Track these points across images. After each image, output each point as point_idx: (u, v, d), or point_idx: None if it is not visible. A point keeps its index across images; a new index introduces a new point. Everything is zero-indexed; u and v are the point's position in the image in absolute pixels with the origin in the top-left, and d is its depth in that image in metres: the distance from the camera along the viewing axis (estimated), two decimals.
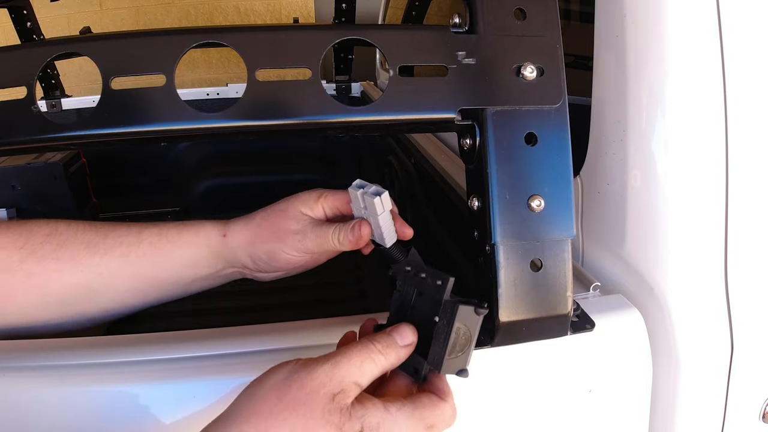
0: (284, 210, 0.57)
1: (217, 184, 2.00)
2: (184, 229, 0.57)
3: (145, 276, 0.54)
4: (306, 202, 0.57)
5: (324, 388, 0.38)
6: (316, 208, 0.57)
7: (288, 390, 0.38)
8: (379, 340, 0.42)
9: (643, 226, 0.59)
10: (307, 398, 0.38)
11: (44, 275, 0.50)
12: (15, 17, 1.66)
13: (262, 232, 0.56)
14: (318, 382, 0.38)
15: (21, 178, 1.55)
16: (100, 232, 0.53)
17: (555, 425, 0.55)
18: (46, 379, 0.49)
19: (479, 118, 0.47)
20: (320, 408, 0.37)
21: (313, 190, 0.58)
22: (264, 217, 0.58)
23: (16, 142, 0.44)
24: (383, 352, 0.41)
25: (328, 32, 0.46)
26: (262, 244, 0.56)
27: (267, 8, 2.84)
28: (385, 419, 0.39)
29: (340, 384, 0.39)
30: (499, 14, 0.47)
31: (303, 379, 0.39)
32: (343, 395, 0.38)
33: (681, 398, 0.58)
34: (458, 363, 0.44)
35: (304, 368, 0.40)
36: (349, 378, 0.39)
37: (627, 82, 0.58)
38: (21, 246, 0.50)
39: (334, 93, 1.93)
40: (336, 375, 0.39)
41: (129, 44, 0.44)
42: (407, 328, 0.43)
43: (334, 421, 0.37)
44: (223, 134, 0.45)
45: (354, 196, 0.54)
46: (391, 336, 0.42)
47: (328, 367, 0.39)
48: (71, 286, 0.52)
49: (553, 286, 0.49)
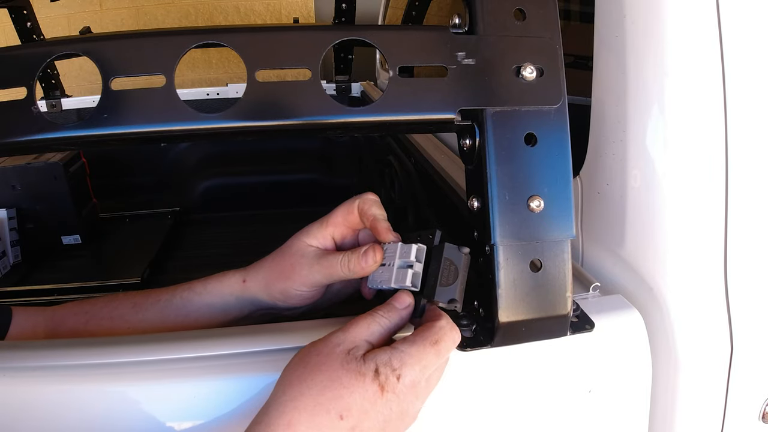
0: (289, 246, 0.58)
1: (217, 184, 2.00)
2: (209, 280, 0.60)
3: (181, 327, 0.59)
4: (310, 233, 0.57)
5: (338, 347, 0.44)
6: (322, 236, 0.57)
7: (309, 358, 0.44)
8: (382, 307, 0.48)
9: (643, 226, 0.59)
10: (326, 359, 0.44)
11: (101, 333, 0.60)
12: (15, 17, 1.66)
13: (273, 273, 0.58)
14: (332, 344, 0.45)
15: (21, 178, 1.55)
16: (144, 294, 0.61)
17: (555, 425, 0.55)
18: (46, 379, 0.49)
19: (479, 119, 0.47)
20: (339, 361, 0.43)
21: (318, 221, 0.58)
22: (274, 258, 0.59)
23: (16, 142, 0.44)
24: (386, 315, 0.47)
25: (327, 33, 0.46)
26: (274, 284, 0.58)
27: (267, 8, 2.84)
28: (395, 353, 0.44)
29: (353, 341, 0.45)
30: (498, 15, 0.47)
31: (319, 346, 0.45)
32: (356, 349, 0.44)
33: (680, 398, 0.58)
34: (448, 293, 0.49)
35: (320, 341, 0.46)
36: (359, 337, 0.45)
37: (627, 82, 0.58)
38: (86, 311, 0.61)
39: (334, 93, 1.93)
40: (348, 336, 0.45)
41: (129, 45, 0.44)
42: (404, 293, 0.49)
43: (351, 368, 0.43)
44: (223, 135, 0.45)
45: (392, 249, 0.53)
46: (390, 303, 0.49)
47: (339, 333, 0.46)
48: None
49: (552, 286, 0.49)
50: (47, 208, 1.59)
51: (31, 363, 0.50)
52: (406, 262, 0.51)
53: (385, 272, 0.52)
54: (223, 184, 2.00)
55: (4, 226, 1.51)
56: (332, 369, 0.43)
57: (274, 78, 0.45)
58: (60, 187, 1.57)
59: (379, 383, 0.43)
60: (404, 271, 0.51)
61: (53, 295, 1.37)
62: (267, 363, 0.50)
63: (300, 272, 0.56)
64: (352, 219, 0.57)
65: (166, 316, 0.59)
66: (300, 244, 0.57)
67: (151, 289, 0.62)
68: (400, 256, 0.52)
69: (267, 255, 0.60)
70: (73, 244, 1.65)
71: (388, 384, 0.43)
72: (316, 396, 0.42)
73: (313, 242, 0.57)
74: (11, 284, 1.46)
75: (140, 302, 0.60)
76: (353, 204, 0.57)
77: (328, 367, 0.43)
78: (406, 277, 0.50)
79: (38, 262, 1.59)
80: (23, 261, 1.58)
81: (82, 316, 0.61)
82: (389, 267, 0.52)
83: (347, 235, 0.58)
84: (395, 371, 0.43)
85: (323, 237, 0.57)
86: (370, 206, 0.56)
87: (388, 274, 0.52)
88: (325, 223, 0.57)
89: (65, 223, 1.62)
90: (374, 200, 0.57)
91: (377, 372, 0.43)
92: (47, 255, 1.61)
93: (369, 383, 0.42)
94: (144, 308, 0.60)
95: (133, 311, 0.60)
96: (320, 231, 0.57)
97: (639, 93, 0.57)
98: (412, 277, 0.50)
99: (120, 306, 0.61)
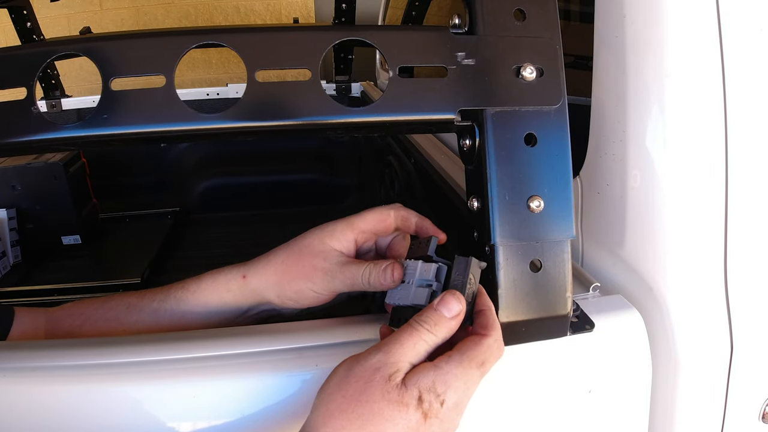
0: (310, 245, 0.55)
1: (217, 184, 2.00)
2: (203, 278, 0.58)
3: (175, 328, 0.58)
4: (334, 235, 0.55)
5: (378, 373, 0.41)
6: (347, 240, 0.55)
7: (348, 386, 0.42)
8: (426, 319, 0.44)
9: (643, 226, 0.59)
10: (366, 387, 0.41)
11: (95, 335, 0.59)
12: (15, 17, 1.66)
13: (289, 269, 0.55)
14: (372, 370, 0.41)
15: (21, 178, 1.55)
16: (139, 295, 0.60)
17: (555, 425, 0.55)
18: (46, 379, 0.49)
19: (479, 119, 0.47)
20: (379, 390, 0.41)
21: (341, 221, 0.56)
22: (289, 254, 0.56)
23: (16, 142, 0.44)
24: (432, 331, 0.43)
25: (327, 33, 0.46)
26: (289, 283, 0.55)
27: (267, 8, 2.84)
28: (438, 375, 0.41)
29: (395, 365, 0.42)
30: (498, 15, 0.47)
31: (358, 372, 0.42)
32: (398, 374, 0.41)
33: (680, 398, 0.58)
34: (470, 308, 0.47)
35: (357, 363, 0.43)
36: (403, 360, 0.42)
37: (627, 83, 0.58)
38: (81, 312, 0.60)
39: (334, 93, 1.93)
40: (389, 360, 0.42)
41: (129, 45, 0.44)
42: (452, 297, 0.45)
43: (393, 397, 0.40)
44: (223, 135, 0.45)
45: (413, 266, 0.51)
46: (438, 312, 0.44)
47: (380, 356, 0.42)
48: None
49: (552, 286, 0.49)
50: (47, 208, 1.59)
51: (31, 363, 0.50)
52: (426, 281, 0.50)
53: (404, 289, 0.51)
54: (223, 184, 2.00)
55: (4, 226, 1.52)
56: (373, 400, 0.40)
57: (274, 78, 0.45)
58: (60, 187, 1.58)
59: (423, 411, 0.41)
60: (423, 290, 0.49)
61: (53, 295, 1.37)
62: (267, 363, 0.50)
63: (324, 277, 0.54)
64: (383, 227, 0.56)
65: (160, 317, 0.58)
66: (323, 245, 0.55)
67: (147, 290, 0.61)
68: (420, 275, 0.50)
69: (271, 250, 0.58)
70: (73, 244, 1.65)
71: (431, 411, 0.41)
72: (358, 431, 0.40)
73: (337, 246, 0.55)
74: (11, 284, 1.46)
75: (135, 303, 0.59)
76: (387, 212, 0.55)
77: (368, 397, 0.40)
78: (424, 297, 0.49)
79: (38, 262, 1.59)
80: (23, 261, 1.58)
81: (78, 317, 0.60)
82: (408, 285, 0.51)
83: (369, 243, 0.57)
84: (439, 397, 0.41)
85: (348, 241, 0.55)
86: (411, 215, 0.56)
87: (406, 291, 0.51)
88: (352, 226, 0.55)
89: (65, 223, 1.62)
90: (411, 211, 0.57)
91: (420, 400, 0.41)
92: (47, 255, 1.62)
93: (412, 413, 0.40)
94: (138, 309, 0.59)
95: (128, 312, 0.59)
96: (345, 235, 0.55)
97: (639, 93, 0.57)
98: (429, 296, 0.49)
99: (115, 307, 0.60)
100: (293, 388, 0.49)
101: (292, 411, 0.49)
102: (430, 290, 0.49)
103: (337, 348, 0.52)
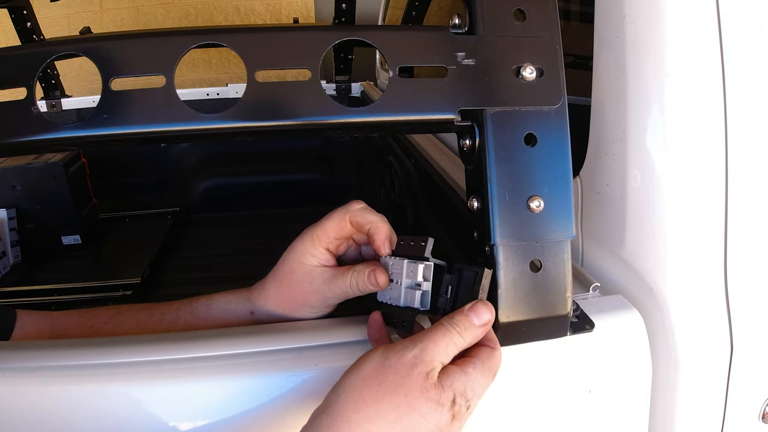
0: (292, 272, 0.56)
1: (217, 184, 2.00)
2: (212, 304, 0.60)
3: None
4: (306, 251, 0.55)
5: (416, 369, 0.43)
6: (319, 252, 0.55)
7: (385, 376, 0.43)
8: (458, 323, 0.45)
9: (643, 226, 0.59)
10: (404, 380, 0.42)
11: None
12: (15, 17, 1.66)
13: (284, 302, 0.57)
14: (410, 365, 0.43)
15: (21, 178, 1.56)
16: (148, 312, 0.61)
17: (555, 425, 0.55)
18: (46, 379, 0.49)
19: (479, 119, 0.47)
20: (418, 386, 0.42)
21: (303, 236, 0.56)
22: (277, 286, 0.57)
23: (16, 142, 0.44)
24: (462, 335, 0.45)
25: (327, 33, 0.46)
26: (291, 312, 0.57)
27: (267, 8, 2.84)
28: (468, 381, 0.44)
29: (430, 363, 0.43)
30: (498, 15, 0.47)
31: (396, 364, 0.43)
32: (433, 372, 0.43)
33: (680, 398, 0.58)
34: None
35: (394, 354, 0.44)
36: (437, 359, 0.44)
37: (627, 83, 0.58)
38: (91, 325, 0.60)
39: (334, 93, 1.92)
40: (426, 357, 0.43)
41: (129, 45, 0.44)
42: (483, 307, 0.46)
43: (431, 396, 0.42)
44: (223, 135, 0.45)
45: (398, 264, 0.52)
46: (468, 318, 0.46)
47: (417, 352, 0.43)
48: None
49: (552, 286, 0.49)
50: (47, 208, 1.59)
51: (31, 363, 0.50)
52: (414, 282, 0.50)
53: (394, 290, 0.51)
54: (223, 184, 2.00)
55: (4, 226, 1.52)
56: (411, 395, 0.42)
57: (274, 78, 0.45)
58: (60, 187, 1.58)
59: (453, 413, 0.43)
60: (413, 292, 0.50)
61: (53, 295, 1.37)
62: (267, 363, 0.50)
63: (316, 296, 0.55)
64: (344, 232, 0.55)
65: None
66: (303, 268, 0.55)
67: (153, 306, 0.62)
68: (407, 275, 0.50)
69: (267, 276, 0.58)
70: (73, 244, 1.65)
71: (459, 413, 0.43)
72: (392, 423, 0.41)
73: (314, 262, 0.55)
74: (11, 284, 1.46)
75: (144, 321, 0.60)
76: (343, 216, 0.55)
77: (407, 391, 0.42)
78: (415, 299, 0.49)
79: (38, 262, 1.59)
80: (23, 261, 1.58)
81: (87, 329, 0.60)
82: (397, 285, 0.51)
83: (343, 245, 0.57)
84: (468, 402, 0.43)
85: (320, 253, 0.55)
86: (362, 215, 0.54)
87: (397, 292, 0.51)
88: (316, 239, 0.55)
89: (65, 223, 1.62)
90: (363, 207, 0.55)
91: (454, 402, 0.43)
92: (47, 255, 1.62)
93: (445, 413, 0.42)
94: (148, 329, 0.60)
95: (137, 330, 0.60)
96: (317, 249, 0.55)
97: (639, 93, 0.57)
98: (421, 298, 0.49)
99: (123, 324, 0.60)
100: (293, 388, 0.49)
101: (292, 411, 0.49)
102: (420, 291, 0.49)
103: (337, 348, 0.52)
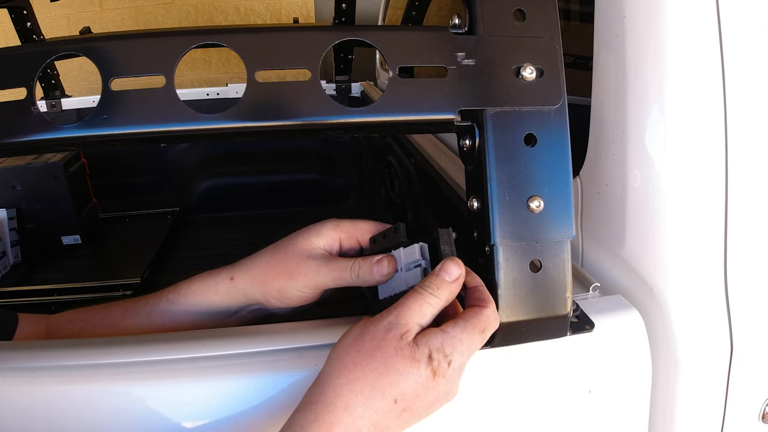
0: (293, 244, 0.56)
1: (217, 184, 2.00)
2: (194, 280, 0.59)
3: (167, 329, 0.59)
4: (319, 233, 0.56)
5: (390, 332, 0.45)
6: (332, 238, 0.56)
7: (362, 342, 0.45)
8: (429, 284, 0.47)
9: (643, 226, 0.59)
10: (380, 344, 0.45)
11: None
12: (15, 17, 1.66)
13: (271, 270, 0.56)
14: (384, 329, 0.45)
15: (21, 178, 1.55)
16: (135, 300, 0.61)
17: (555, 425, 0.55)
18: (46, 379, 0.49)
19: (479, 119, 0.47)
20: (392, 347, 0.45)
21: (327, 220, 0.57)
22: (273, 254, 0.57)
23: (16, 142, 0.44)
24: (436, 294, 0.47)
25: (327, 33, 0.46)
26: (272, 282, 0.56)
27: (267, 8, 2.84)
28: (446, 338, 0.45)
29: (405, 326, 0.45)
30: (498, 15, 0.47)
31: (372, 331, 0.46)
32: (408, 333, 0.45)
33: (680, 398, 0.58)
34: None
35: (371, 324, 0.46)
36: (411, 321, 0.46)
37: (627, 83, 0.58)
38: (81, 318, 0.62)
39: (334, 93, 1.92)
40: (400, 321, 0.46)
41: (129, 45, 0.44)
42: (452, 263, 0.48)
43: (405, 353, 0.44)
44: (223, 135, 0.45)
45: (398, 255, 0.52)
46: (439, 276, 0.48)
47: (391, 318, 0.46)
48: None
49: (552, 286, 0.49)
50: (47, 208, 1.59)
51: (31, 363, 0.50)
52: (414, 262, 0.51)
53: (396, 279, 0.52)
54: (223, 184, 2.00)
55: (4, 226, 1.52)
56: (387, 355, 0.44)
57: (274, 78, 0.45)
58: (60, 187, 1.57)
59: (432, 369, 0.44)
60: (414, 270, 0.51)
61: (53, 295, 1.37)
62: (267, 363, 0.50)
63: (306, 273, 0.55)
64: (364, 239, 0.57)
65: (153, 320, 0.59)
66: (307, 243, 0.56)
67: (144, 295, 0.62)
68: (407, 258, 0.51)
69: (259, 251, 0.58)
70: (73, 244, 1.65)
71: (440, 369, 0.45)
72: (372, 382, 0.44)
73: (321, 243, 0.55)
74: (11, 284, 1.46)
75: (131, 307, 0.60)
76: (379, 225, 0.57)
77: (383, 352, 0.44)
78: (418, 276, 0.50)
79: (38, 262, 1.59)
80: (23, 261, 1.58)
81: (77, 323, 0.61)
82: (399, 273, 0.52)
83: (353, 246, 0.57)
84: (447, 357, 0.45)
85: (332, 240, 0.56)
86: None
87: (399, 279, 0.52)
88: (338, 227, 0.56)
89: (65, 223, 1.62)
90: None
91: (430, 358, 0.45)
92: (47, 255, 1.62)
93: (423, 369, 0.44)
94: (133, 313, 0.60)
95: (124, 317, 0.60)
96: (330, 233, 0.56)
97: (639, 93, 0.57)
98: (423, 274, 0.50)
99: (112, 312, 0.61)
100: (293, 388, 0.49)
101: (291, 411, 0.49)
102: (421, 269, 0.51)
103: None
